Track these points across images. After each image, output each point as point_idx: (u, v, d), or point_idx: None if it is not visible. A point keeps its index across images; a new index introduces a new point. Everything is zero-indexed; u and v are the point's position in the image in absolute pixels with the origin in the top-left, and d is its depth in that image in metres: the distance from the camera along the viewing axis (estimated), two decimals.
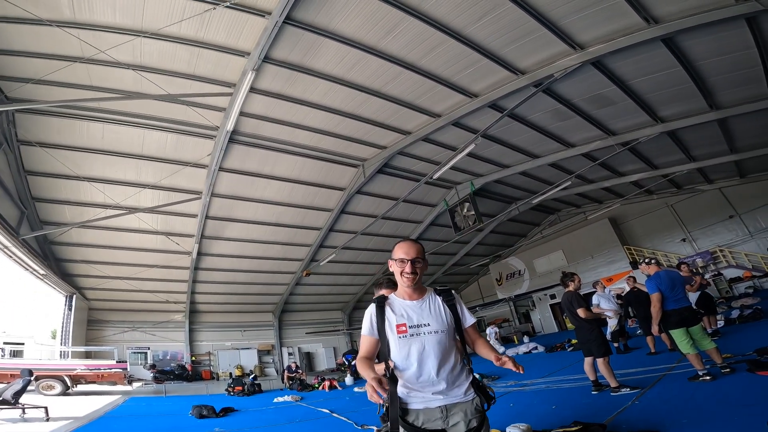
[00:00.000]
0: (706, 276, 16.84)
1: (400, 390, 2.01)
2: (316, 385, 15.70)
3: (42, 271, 13.18)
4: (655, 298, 5.35)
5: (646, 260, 5.92)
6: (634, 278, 9.35)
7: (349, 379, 16.38)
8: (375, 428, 5.77)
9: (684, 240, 19.37)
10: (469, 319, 2.20)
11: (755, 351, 5.48)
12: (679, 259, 16.74)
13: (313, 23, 7.89)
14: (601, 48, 8.25)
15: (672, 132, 11.99)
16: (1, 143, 9.52)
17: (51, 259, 14.17)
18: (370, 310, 2.16)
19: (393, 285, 2.82)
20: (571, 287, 5.89)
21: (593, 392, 5.81)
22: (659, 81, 9.69)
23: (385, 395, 1.79)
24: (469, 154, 12.11)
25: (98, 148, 10.64)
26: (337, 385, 14.93)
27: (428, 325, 2.05)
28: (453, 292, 2.21)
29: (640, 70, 9.31)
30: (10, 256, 11.53)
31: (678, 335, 5.23)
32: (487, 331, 16.95)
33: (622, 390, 5.36)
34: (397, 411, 1.97)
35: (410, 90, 10.20)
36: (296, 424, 8.06)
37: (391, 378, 2.01)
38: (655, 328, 5.62)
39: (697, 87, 9.79)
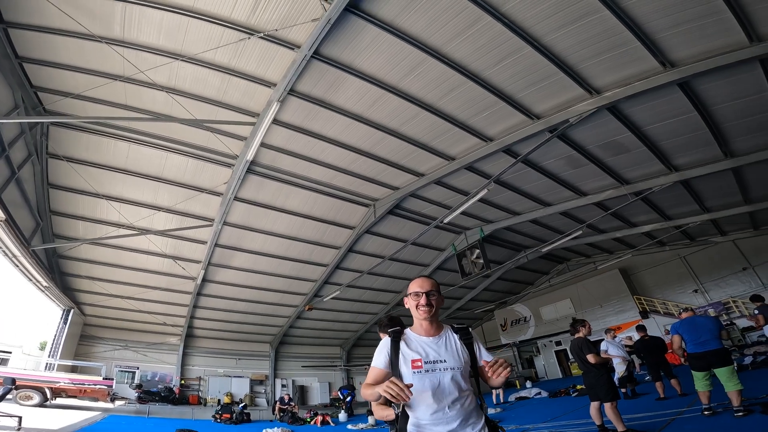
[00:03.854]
0: None
1: (410, 428, 1.98)
2: (308, 420, 15.05)
3: (45, 284, 13.10)
4: (672, 340, 6.16)
5: (683, 308, 6.67)
6: (644, 327, 9.87)
7: (343, 416, 15.69)
8: None
9: (696, 291, 19.08)
10: (485, 356, 2.17)
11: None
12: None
13: (338, 59, 8.21)
14: (617, 93, 8.37)
15: (686, 181, 12.00)
16: (31, 155, 9.75)
17: (56, 272, 14.14)
18: (386, 343, 2.14)
19: (397, 323, 3.01)
20: (581, 333, 6.09)
21: None
22: (674, 127, 9.78)
23: (410, 395, 1.75)
24: (481, 200, 12.16)
25: (121, 168, 10.84)
26: (330, 421, 14.31)
27: (444, 361, 2.03)
28: (470, 330, 2.20)
29: (655, 115, 9.40)
30: (17, 266, 11.50)
31: (696, 375, 5.83)
32: None
33: None
34: None
35: (426, 131, 10.40)
36: None
37: (402, 414, 2.00)
38: (678, 354, 6.30)
39: (712, 133, 9.84)
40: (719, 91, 8.55)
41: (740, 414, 5.23)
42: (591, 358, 5.78)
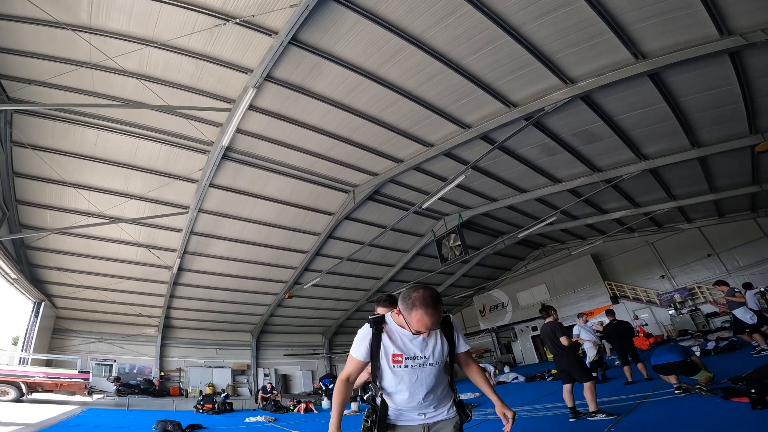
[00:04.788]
0: (684, 311, 17.39)
1: (391, 412, 2.08)
2: (291, 407, 15.25)
3: (14, 276, 12.72)
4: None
5: None
6: (613, 312, 9.99)
7: (326, 403, 15.94)
8: None
9: (663, 277, 19.92)
10: (462, 347, 2.22)
11: (729, 379, 5.72)
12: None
13: (317, 45, 8.09)
14: (591, 82, 8.60)
15: (654, 170, 12.49)
16: None
17: (24, 263, 13.65)
18: (367, 334, 2.09)
19: (393, 303, 2.79)
20: (553, 318, 6.24)
21: (570, 419, 5.90)
22: (644, 117, 10.12)
23: None
24: (459, 186, 12.28)
25: (90, 155, 10.43)
26: (314, 408, 14.52)
27: (425, 357, 2.04)
28: (451, 317, 2.19)
29: (626, 106, 9.71)
30: None
31: None
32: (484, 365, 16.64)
33: (598, 415, 5.56)
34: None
35: (405, 118, 10.42)
36: None
37: (381, 403, 2.08)
38: None
39: (680, 124, 10.24)
40: (688, 83, 8.86)
41: (701, 388, 5.57)
42: (564, 340, 5.93)
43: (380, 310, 2.67)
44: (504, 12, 7.40)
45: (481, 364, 16.71)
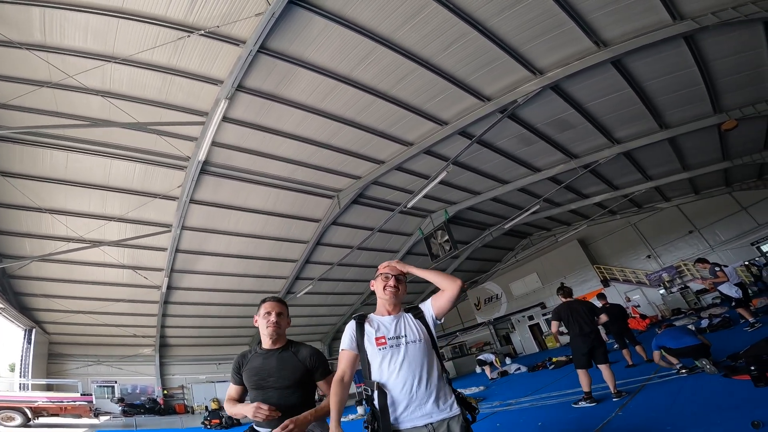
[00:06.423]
0: (674, 290, 17.60)
1: (391, 412, 2.03)
2: None
3: (0, 305, 12.60)
4: (653, 355, 6.62)
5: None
6: (604, 295, 9.91)
7: None
8: None
9: (649, 256, 20.25)
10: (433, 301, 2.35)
11: (728, 357, 5.64)
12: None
13: (286, 52, 8.05)
14: (558, 72, 8.81)
15: (628, 153, 12.79)
16: None
17: (9, 292, 13.40)
18: (351, 325, 2.27)
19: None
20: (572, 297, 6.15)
21: (589, 405, 5.78)
22: (612, 103, 10.40)
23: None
24: (442, 182, 12.41)
25: (62, 179, 10.17)
26: None
27: (406, 336, 2.16)
28: (419, 306, 2.34)
29: (594, 93, 9.97)
30: None
31: None
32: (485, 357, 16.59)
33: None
34: (389, 425, 1.98)
35: (383, 119, 10.45)
36: None
37: (380, 393, 2.04)
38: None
39: (647, 107, 10.56)
40: (649, 67, 9.14)
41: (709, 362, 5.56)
42: (604, 317, 5.85)
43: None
44: (468, 8, 7.49)
45: (481, 356, 16.59)
